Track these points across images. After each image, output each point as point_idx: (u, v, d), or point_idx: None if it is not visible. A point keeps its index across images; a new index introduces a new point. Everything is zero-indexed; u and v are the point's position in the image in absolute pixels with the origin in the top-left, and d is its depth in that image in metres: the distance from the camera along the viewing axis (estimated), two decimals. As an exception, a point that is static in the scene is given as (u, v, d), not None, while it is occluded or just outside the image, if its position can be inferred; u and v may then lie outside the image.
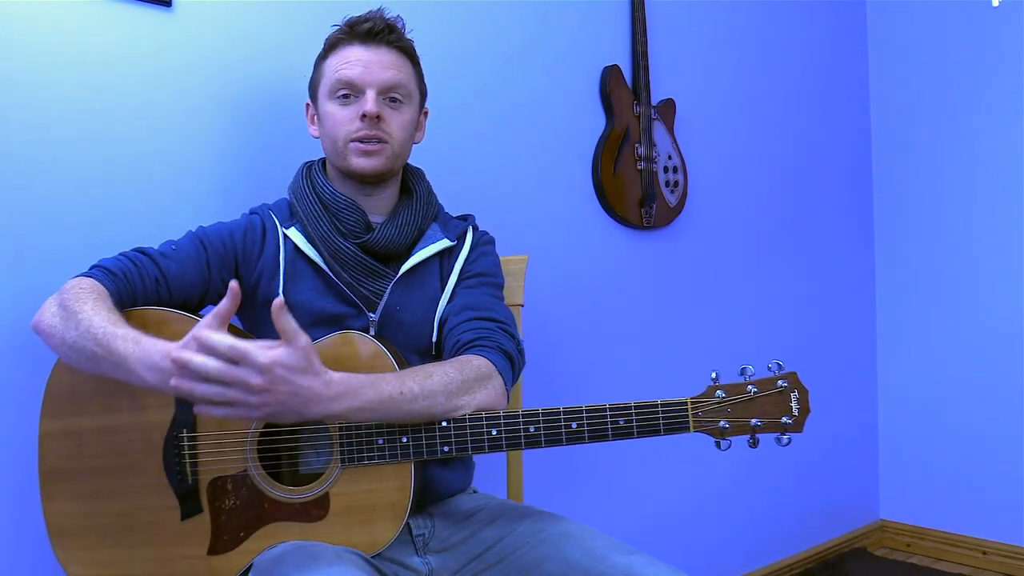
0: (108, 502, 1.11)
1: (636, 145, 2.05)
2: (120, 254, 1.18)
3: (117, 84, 1.34)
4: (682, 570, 1.06)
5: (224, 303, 0.97)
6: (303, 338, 0.97)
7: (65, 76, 1.29)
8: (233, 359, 0.94)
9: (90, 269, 1.14)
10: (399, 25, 1.27)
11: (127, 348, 1.00)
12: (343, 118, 1.23)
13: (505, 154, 1.85)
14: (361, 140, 1.22)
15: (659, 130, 2.10)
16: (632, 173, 2.05)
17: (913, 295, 2.68)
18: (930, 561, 2.60)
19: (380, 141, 1.23)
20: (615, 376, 2.05)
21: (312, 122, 1.32)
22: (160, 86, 1.38)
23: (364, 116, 1.21)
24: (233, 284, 0.98)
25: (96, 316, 1.04)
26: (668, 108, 2.13)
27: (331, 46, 1.26)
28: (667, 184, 2.12)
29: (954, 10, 2.55)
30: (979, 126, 2.51)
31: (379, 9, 1.27)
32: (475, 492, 1.36)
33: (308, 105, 1.33)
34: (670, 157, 2.13)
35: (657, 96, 2.12)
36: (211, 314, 0.97)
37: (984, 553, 2.52)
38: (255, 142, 1.48)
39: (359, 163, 1.23)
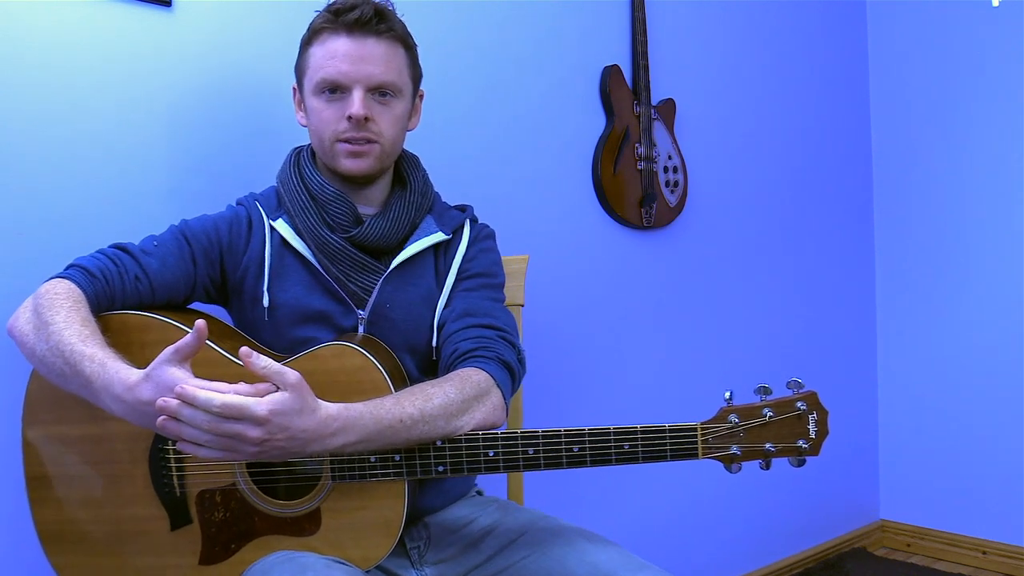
0: (98, 510, 1.09)
1: (636, 145, 2.05)
2: (98, 251, 1.12)
3: (117, 84, 1.34)
4: None
5: (188, 340, 0.92)
6: (291, 375, 0.92)
7: (65, 76, 1.29)
8: (229, 416, 0.89)
9: (67, 268, 1.09)
10: (389, 8, 1.18)
11: (93, 371, 0.95)
12: (329, 116, 1.16)
13: (505, 154, 1.85)
14: (348, 141, 1.16)
15: (659, 130, 2.10)
16: (632, 173, 2.05)
17: (913, 294, 2.68)
18: (930, 561, 2.60)
19: (369, 142, 1.17)
20: (615, 376, 2.05)
21: (299, 108, 1.24)
22: (160, 86, 1.38)
23: (350, 118, 1.15)
24: (199, 323, 0.92)
25: (67, 330, 0.98)
26: (668, 108, 2.13)
27: (314, 33, 1.17)
28: (667, 184, 2.12)
29: (954, 10, 2.55)
30: (979, 126, 2.51)
31: None
32: (478, 494, 1.32)
33: (295, 89, 1.25)
34: (670, 157, 2.13)
35: (657, 96, 2.12)
36: (172, 349, 0.92)
37: (984, 553, 2.52)
38: (255, 141, 1.48)
39: (347, 164, 1.18)
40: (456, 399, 1.06)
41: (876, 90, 2.77)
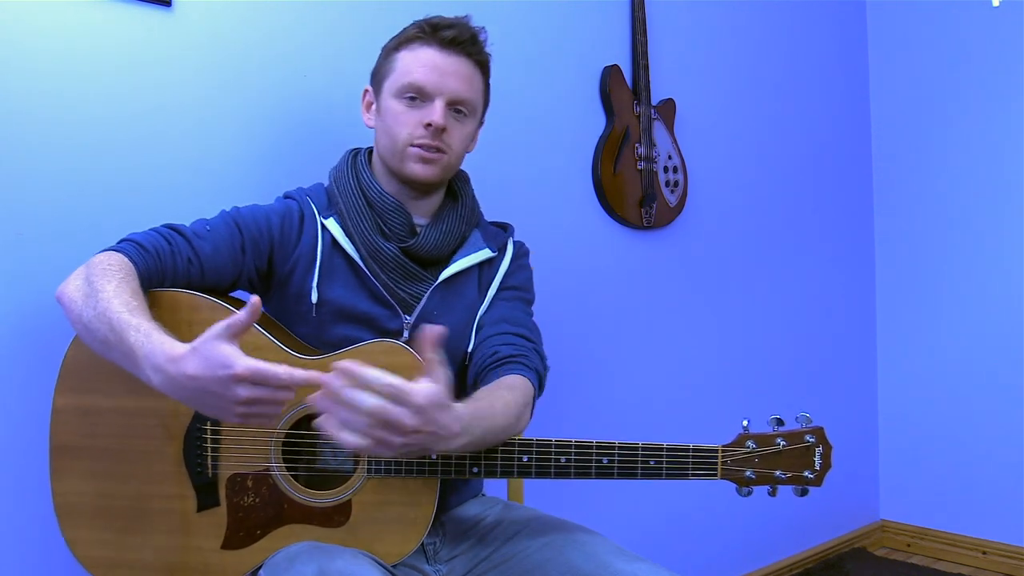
0: (122, 485, 1.09)
1: (636, 145, 2.05)
2: (152, 229, 1.13)
3: (116, 84, 1.33)
4: None
5: (240, 316, 0.90)
6: (442, 371, 0.92)
7: (64, 76, 1.29)
8: (391, 397, 0.87)
9: (120, 243, 1.10)
10: (482, 37, 1.24)
11: (137, 340, 0.94)
12: (407, 120, 1.20)
13: (505, 154, 1.85)
14: (422, 147, 1.20)
15: (659, 130, 2.10)
16: (632, 173, 2.05)
17: (913, 295, 2.68)
18: (930, 561, 2.60)
19: (439, 151, 1.21)
20: (615, 376, 2.05)
21: (368, 109, 1.28)
22: (160, 86, 1.38)
23: (429, 125, 1.18)
24: (254, 299, 0.91)
25: (116, 299, 0.98)
26: (668, 108, 2.13)
27: (406, 41, 1.21)
28: (667, 184, 2.12)
29: (954, 10, 2.55)
30: (979, 126, 2.51)
31: (466, 16, 1.24)
32: (483, 495, 1.35)
33: (367, 91, 1.28)
34: (670, 157, 2.13)
35: (657, 96, 2.12)
36: (223, 325, 0.89)
37: (984, 553, 2.52)
38: (255, 142, 1.48)
39: (416, 169, 1.20)
40: (520, 404, 1.11)
41: (876, 90, 2.77)
